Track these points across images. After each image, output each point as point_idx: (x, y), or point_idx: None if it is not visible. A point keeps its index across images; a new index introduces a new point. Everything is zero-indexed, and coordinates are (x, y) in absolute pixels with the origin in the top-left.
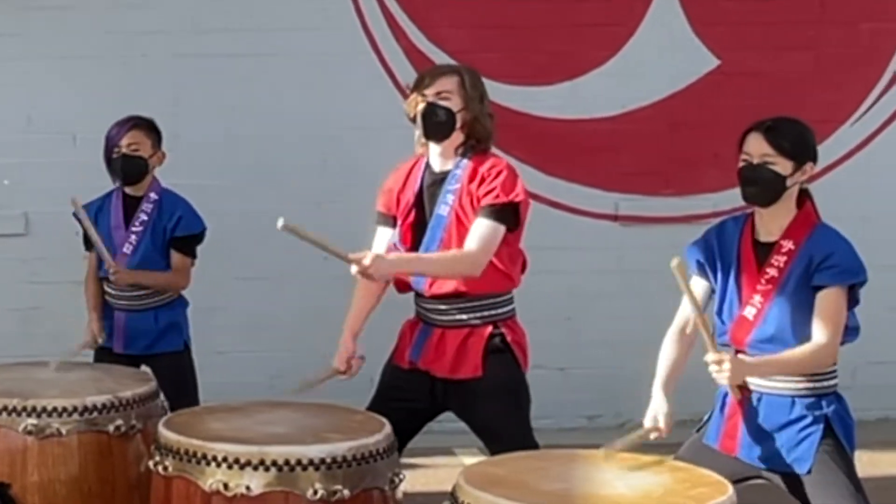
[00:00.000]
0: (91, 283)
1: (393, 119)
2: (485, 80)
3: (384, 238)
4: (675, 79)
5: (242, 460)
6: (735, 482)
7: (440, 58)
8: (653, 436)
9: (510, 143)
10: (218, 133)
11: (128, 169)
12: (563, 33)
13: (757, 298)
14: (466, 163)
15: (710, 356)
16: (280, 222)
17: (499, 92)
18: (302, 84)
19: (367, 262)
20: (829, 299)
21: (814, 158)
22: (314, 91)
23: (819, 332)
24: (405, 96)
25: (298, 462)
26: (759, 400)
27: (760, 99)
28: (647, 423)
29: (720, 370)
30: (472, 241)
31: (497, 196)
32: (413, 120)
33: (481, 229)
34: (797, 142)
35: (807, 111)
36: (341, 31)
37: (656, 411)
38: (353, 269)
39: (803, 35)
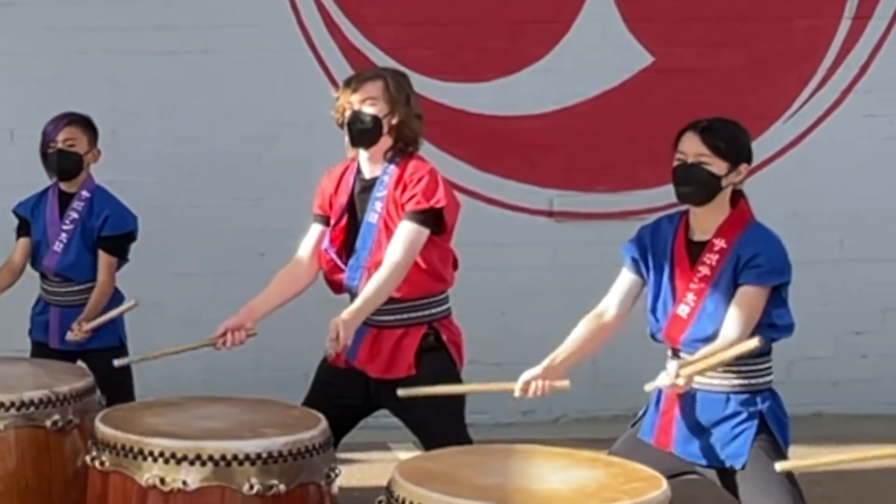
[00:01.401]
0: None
1: (329, 115)
2: (420, 77)
3: (314, 234)
4: (609, 76)
5: (179, 455)
6: (670, 477)
7: (375, 55)
8: (516, 395)
9: (445, 139)
10: (155, 130)
11: (63, 164)
12: (498, 30)
13: (690, 297)
14: (393, 168)
15: (648, 386)
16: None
17: (434, 89)
18: (239, 81)
19: (342, 334)
20: (747, 297)
21: (748, 159)
22: (251, 88)
23: (730, 327)
24: None
25: (235, 457)
26: (693, 396)
27: (694, 95)
28: (518, 383)
29: (676, 388)
30: (395, 247)
31: (418, 202)
32: (341, 126)
33: (403, 234)
34: (732, 143)
35: (741, 108)
36: (278, 28)
37: (527, 374)
38: (331, 351)
39: (737, 32)
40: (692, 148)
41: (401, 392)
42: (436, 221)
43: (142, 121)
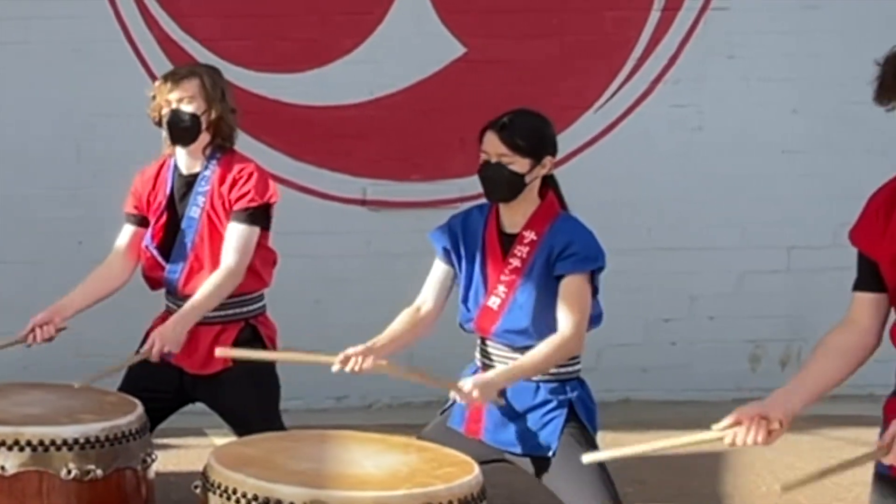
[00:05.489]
0: None
1: (145, 107)
2: (236, 69)
3: (127, 234)
4: (422, 66)
5: None
6: (481, 463)
7: (192, 46)
8: (334, 369)
9: (260, 129)
10: None
11: None
12: (312, 21)
13: (501, 288)
14: (215, 164)
15: (454, 395)
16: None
17: (249, 79)
18: (55, 72)
19: (157, 345)
20: (571, 287)
21: (553, 151)
22: (67, 79)
23: (564, 322)
24: None
25: (52, 442)
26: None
27: (506, 86)
28: (339, 356)
29: (472, 400)
30: (229, 251)
31: (252, 199)
32: (158, 124)
33: (236, 236)
34: (533, 138)
35: (551, 98)
36: (94, 19)
37: (350, 350)
38: (153, 358)
39: (548, 23)
40: (493, 147)
41: (218, 351)
42: (266, 217)
43: None
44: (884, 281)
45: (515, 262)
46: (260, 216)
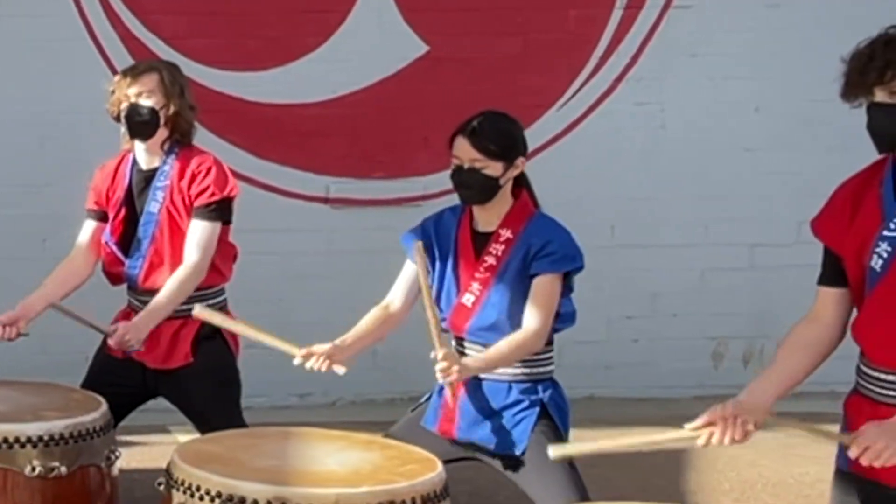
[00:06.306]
0: None
1: (106, 105)
2: (199, 66)
3: (89, 230)
4: (385, 64)
5: None
6: (449, 461)
7: (155, 44)
8: (296, 362)
9: (224, 127)
10: None
11: None
12: (276, 20)
13: (475, 286)
14: (173, 159)
15: (440, 360)
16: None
17: (212, 77)
18: (20, 69)
19: (121, 331)
20: (542, 286)
21: (524, 151)
22: (32, 76)
23: (531, 318)
24: None
25: (17, 439)
26: (477, 385)
27: (469, 84)
28: (303, 350)
29: (447, 374)
30: (192, 248)
31: (212, 194)
32: (117, 119)
33: (199, 233)
34: (504, 141)
35: (514, 96)
36: (58, 17)
37: (317, 346)
38: (112, 341)
39: (511, 21)
40: (465, 154)
41: (196, 309)
42: (228, 211)
43: None
44: (847, 276)
45: (491, 260)
46: (221, 211)
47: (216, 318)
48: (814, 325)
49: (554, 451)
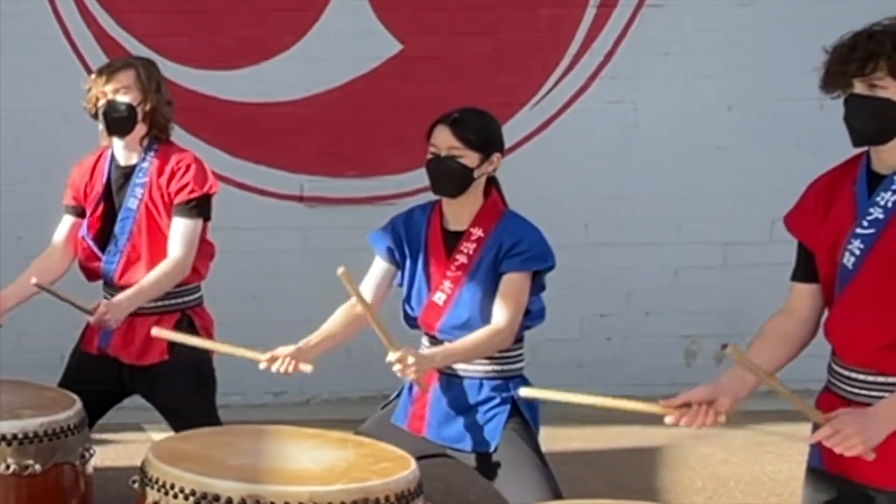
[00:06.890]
0: None
1: (83, 102)
2: (173, 65)
3: (66, 225)
4: (359, 63)
5: None
6: (421, 458)
7: (129, 42)
8: (261, 367)
9: (198, 126)
10: None
11: None
12: (250, 18)
13: (447, 284)
14: (152, 156)
15: (391, 356)
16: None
17: (186, 76)
18: None
19: (102, 309)
20: (511, 283)
21: (500, 149)
22: (6, 75)
23: (499, 315)
24: None
25: None
26: (447, 383)
27: (443, 83)
28: (266, 355)
29: (404, 368)
30: (176, 244)
31: (192, 191)
32: (94, 116)
33: (181, 230)
34: (483, 134)
35: (488, 95)
36: (33, 16)
37: (279, 350)
38: (91, 319)
39: (484, 20)
40: (444, 141)
41: (154, 331)
42: (208, 208)
43: None
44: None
45: (462, 259)
46: (201, 207)
47: (177, 337)
48: (787, 319)
49: (523, 391)
